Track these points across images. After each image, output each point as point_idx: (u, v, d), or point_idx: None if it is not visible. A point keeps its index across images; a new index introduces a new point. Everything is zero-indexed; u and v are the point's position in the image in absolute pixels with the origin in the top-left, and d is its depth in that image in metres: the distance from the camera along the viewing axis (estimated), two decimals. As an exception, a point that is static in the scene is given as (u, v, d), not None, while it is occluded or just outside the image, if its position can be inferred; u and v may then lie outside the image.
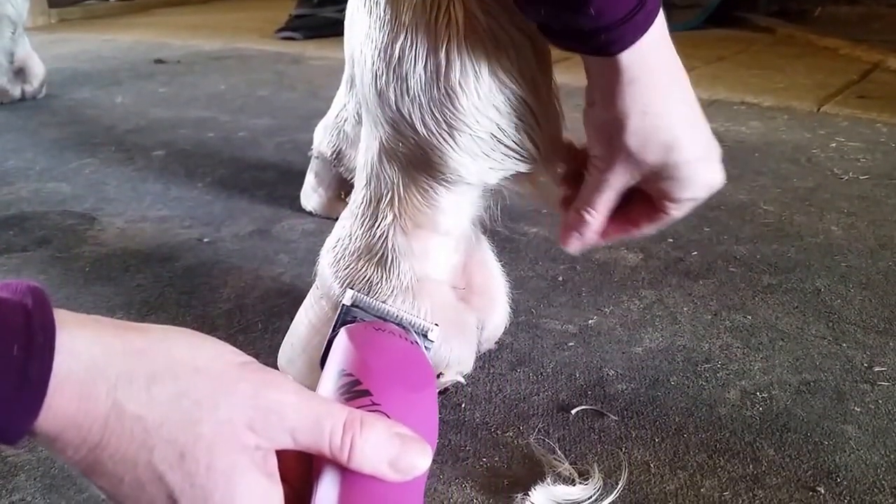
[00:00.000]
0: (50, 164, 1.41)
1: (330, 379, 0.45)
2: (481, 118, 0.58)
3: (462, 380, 0.69)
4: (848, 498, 0.58)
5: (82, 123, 1.70)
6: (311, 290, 0.73)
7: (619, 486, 0.59)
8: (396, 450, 0.38)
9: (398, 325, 0.53)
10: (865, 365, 0.75)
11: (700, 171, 0.55)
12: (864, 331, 0.81)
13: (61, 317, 0.33)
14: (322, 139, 1.07)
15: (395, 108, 0.60)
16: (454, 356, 0.67)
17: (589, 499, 0.58)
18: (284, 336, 0.74)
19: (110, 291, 0.92)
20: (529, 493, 0.58)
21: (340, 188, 1.08)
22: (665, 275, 0.94)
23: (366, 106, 0.64)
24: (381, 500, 0.38)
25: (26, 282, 0.33)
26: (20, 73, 1.89)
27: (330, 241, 0.71)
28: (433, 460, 0.62)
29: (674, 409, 0.68)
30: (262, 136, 1.57)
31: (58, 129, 1.65)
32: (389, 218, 0.65)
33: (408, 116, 0.60)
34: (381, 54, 0.59)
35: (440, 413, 0.69)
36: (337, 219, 0.72)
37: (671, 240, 1.04)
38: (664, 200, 0.58)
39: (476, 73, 0.57)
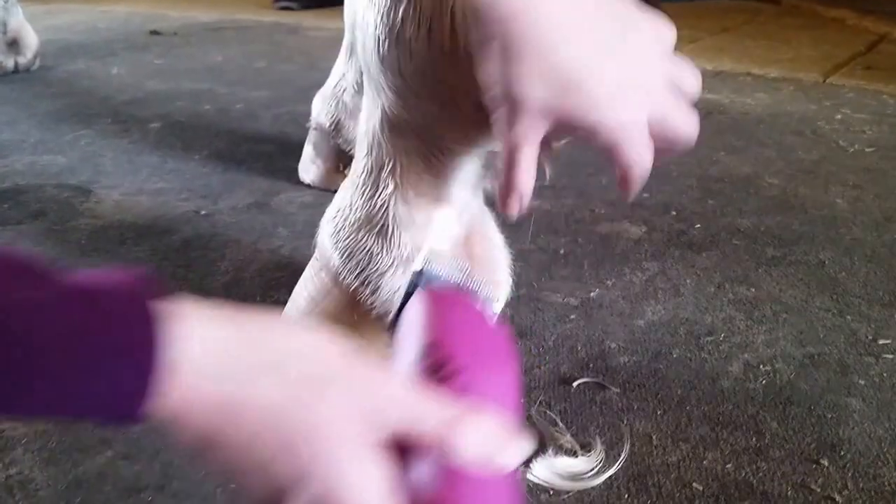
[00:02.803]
0: (45, 137, 1.39)
1: (414, 356, 0.43)
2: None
3: (463, 352, 0.68)
4: (851, 471, 0.57)
5: (77, 95, 1.68)
6: (310, 263, 0.72)
7: (621, 458, 0.58)
8: (496, 444, 0.37)
9: (470, 292, 0.50)
10: (870, 338, 0.74)
11: (612, 111, 0.45)
12: (869, 303, 0.80)
13: (180, 305, 0.33)
14: (320, 110, 1.05)
15: (398, 74, 0.59)
16: (455, 328, 0.66)
17: (591, 471, 0.57)
18: (283, 309, 0.74)
19: (107, 264, 0.91)
20: (531, 465, 0.57)
21: (339, 160, 1.06)
22: (668, 247, 0.93)
23: (367, 73, 0.63)
24: (480, 491, 0.38)
25: (140, 270, 0.34)
26: (13, 45, 1.85)
27: (330, 212, 0.69)
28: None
29: (676, 382, 0.68)
30: (259, 108, 1.55)
31: (52, 101, 1.62)
32: (391, 187, 0.64)
33: (411, 82, 0.58)
34: (384, 18, 0.57)
35: (441, 386, 0.68)
36: (335, 191, 0.71)
37: (674, 212, 1.03)
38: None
39: (479, 37, 0.55)
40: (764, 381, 0.68)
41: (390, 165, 0.63)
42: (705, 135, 1.45)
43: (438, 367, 0.41)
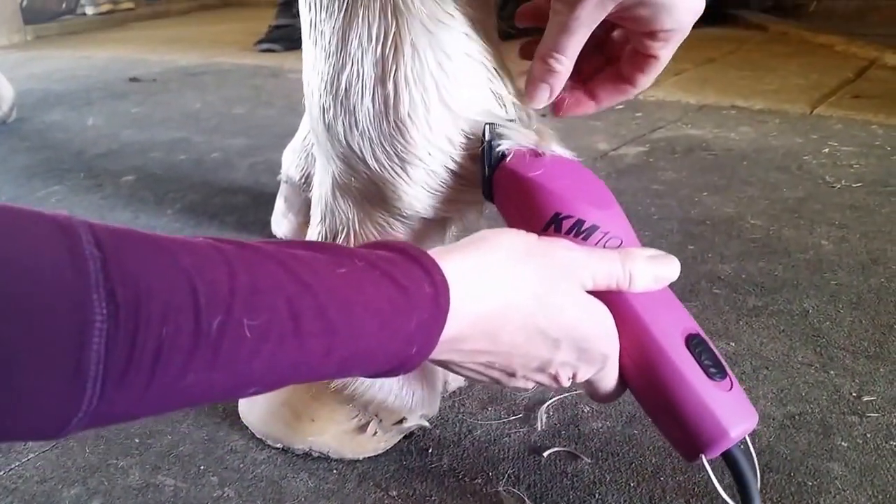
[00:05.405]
0: (17, 193, 1.37)
1: (549, 224, 0.51)
2: (434, 151, 0.55)
3: (427, 424, 0.66)
4: (833, 546, 0.54)
5: (52, 148, 1.65)
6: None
7: (591, 538, 0.55)
8: (655, 268, 0.49)
9: (538, 148, 0.55)
10: (854, 394, 0.71)
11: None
12: (854, 356, 0.77)
13: (437, 257, 0.43)
14: (290, 163, 1.03)
15: (344, 142, 0.57)
16: (417, 398, 0.64)
17: (559, 552, 0.54)
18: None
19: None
20: (496, 546, 0.54)
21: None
22: (647, 297, 0.91)
23: (316, 140, 0.61)
24: (653, 300, 0.50)
25: (399, 243, 0.44)
26: (-11, 99, 1.85)
27: (287, 279, 0.67)
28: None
29: (650, 449, 0.65)
30: (235, 156, 1.53)
31: (27, 155, 1.60)
32: (345, 256, 0.62)
33: (358, 151, 0.56)
34: (328, 87, 0.56)
35: (405, 460, 0.65)
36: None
37: (654, 258, 1.00)
38: (647, 40, 0.51)
39: (425, 104, 0.53)
40: (742, 447, 0.64)
41: (344, 233, 0.61)
42: (688, 174, 1.41)
43: (579, 232, 0.51)
